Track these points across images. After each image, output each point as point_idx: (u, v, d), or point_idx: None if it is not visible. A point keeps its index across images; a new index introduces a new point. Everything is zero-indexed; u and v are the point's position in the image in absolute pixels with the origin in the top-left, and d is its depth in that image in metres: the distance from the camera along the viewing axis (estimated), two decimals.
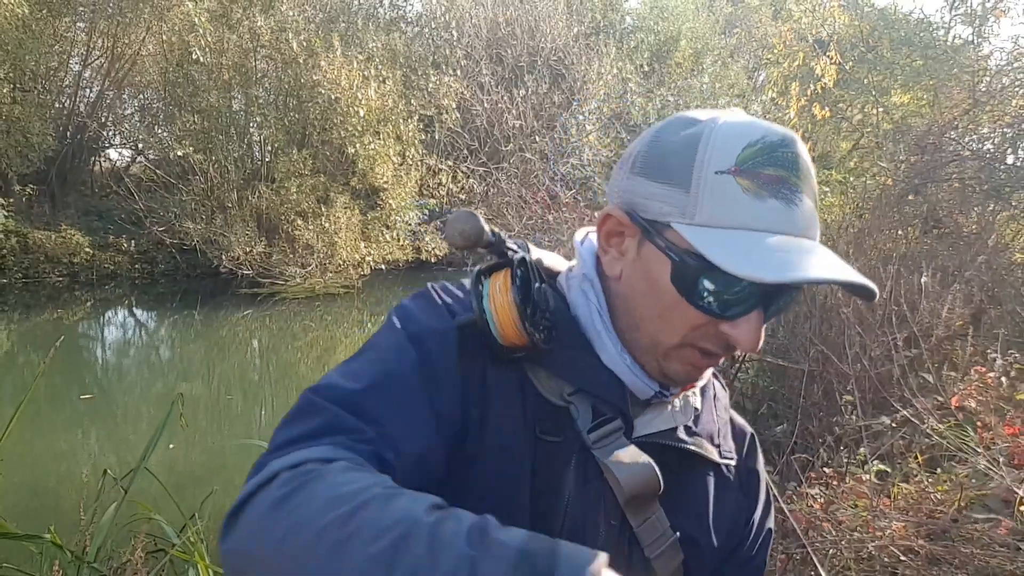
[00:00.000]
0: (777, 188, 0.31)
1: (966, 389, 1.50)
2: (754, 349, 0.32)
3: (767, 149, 0.31)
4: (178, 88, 7.13)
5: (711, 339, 0.33)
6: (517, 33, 8.62)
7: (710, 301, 0.32)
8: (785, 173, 0.31)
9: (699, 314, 0.32)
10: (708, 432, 0.38)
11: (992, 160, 2.27)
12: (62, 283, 6.23)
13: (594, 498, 0.34)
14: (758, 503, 0.40)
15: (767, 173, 0.31)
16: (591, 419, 0.34)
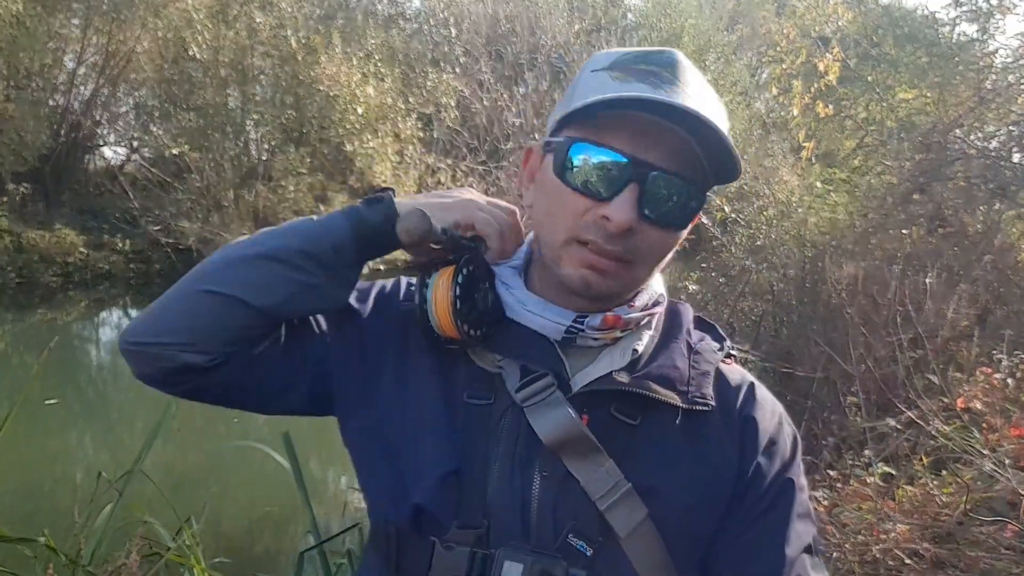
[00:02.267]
0: (645, 76, 0.33)
1: (972, 390, 1.49)
2: (624, 224, 0.33)
3: (642, 53, 0.34)
4: (174, 85, 7.12)
5: (592, 228, 0.34)
6: (517, 30, 8.58)
7: (584, 180, 0.34)
8: (657, 68, 0.34)
9: (577, 198, 0.34)
10: (665, 376, 0.37)
11: (998, 158, 2.26)
12: (56, 283, 6.19)
13: (525, 452, 0.35)
14: (757, 452, 0.37)
15: (638, 68, 0.34)
16: (519, 379, 0.36)
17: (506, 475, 0.35)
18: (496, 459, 0.35)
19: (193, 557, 1.05)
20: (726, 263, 2.77)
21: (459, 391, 0.37)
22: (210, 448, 2.78)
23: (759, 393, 0.40)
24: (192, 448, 2.76)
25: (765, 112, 9.75)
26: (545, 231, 0.37)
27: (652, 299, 0.39)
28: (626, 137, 0.33)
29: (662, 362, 0.38)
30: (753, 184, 3.16)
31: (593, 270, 0.35)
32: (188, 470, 2.51)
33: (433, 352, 0.38)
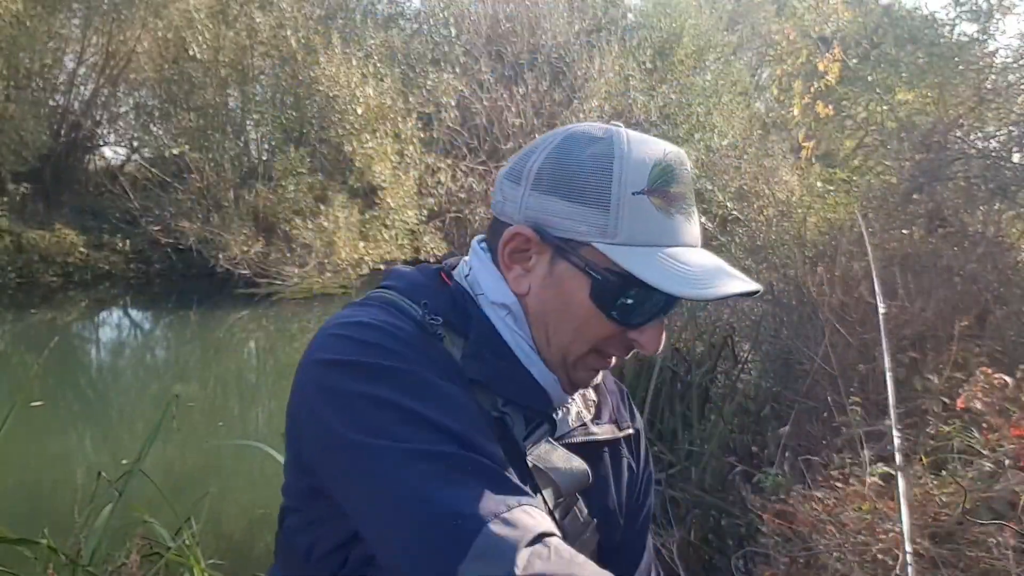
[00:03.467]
0: (680, 205, 0.36)
1: (972, 390, 1.49)
2: (656, 349, 0.37)
3: (670, 168, 0.36)
4: (174, 85, 7.10)
5: (618, 345, 0.37)
6: (517, 30, 8.59)
7: (626, 314, 0.36)
8: (684, 189, 0.36)
9: (612, 325, 0.36)
10: (610, 415, 0.42)
11: (998, 158, 2.26)
12: (56, 283, 6.18)
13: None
14: (641, 456, 0.44)
15: (672, 191, 0.36)
16: (524, 427, 0.37)
17: None
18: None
19: (193, 557, 1.05)
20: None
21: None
22: (210, 448, 2.78)
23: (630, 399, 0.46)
24: (192, 448, 2.76)
25: (765, 112, 9.77)
26: (563, 339, 0.37)
27: None
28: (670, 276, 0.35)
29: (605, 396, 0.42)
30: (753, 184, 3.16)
31: (594, 374, 0.38)
32: (188, 470, 2.51)
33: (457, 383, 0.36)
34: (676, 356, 1.95)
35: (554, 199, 0.35)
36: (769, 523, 1.28)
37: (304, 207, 6.92)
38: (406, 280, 0.39)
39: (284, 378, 4.21)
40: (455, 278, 0.39)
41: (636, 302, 0.35)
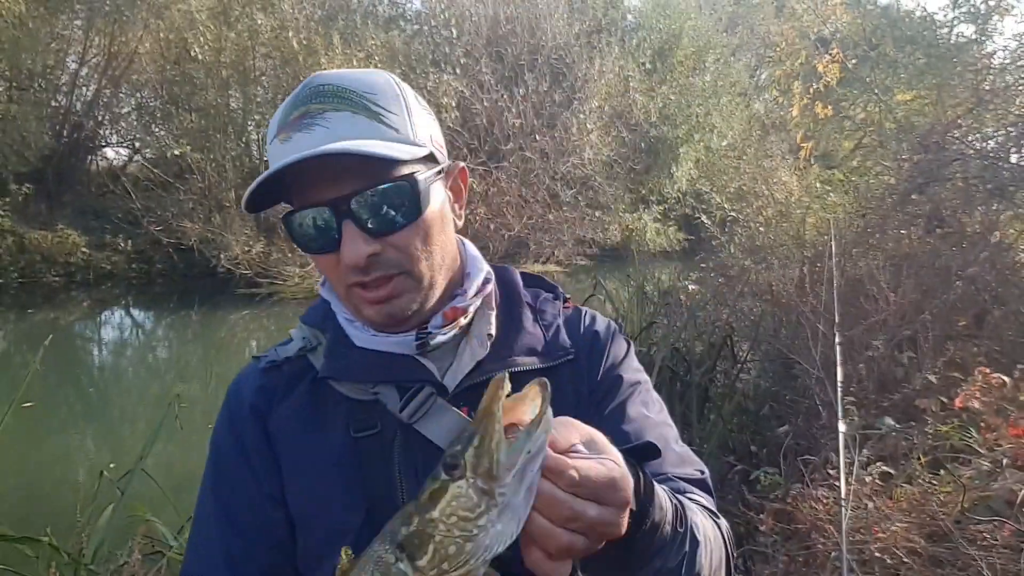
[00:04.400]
0: (300, 123, 0.37)
1: (970, 390, 1.50)
2: (357, 261, 0.37)
3: (291, 100, 0.39)
4: (176, 86, 7.14)
5: (348, 274, 0.38)
6: (517, 31, 8.60)
7: (314, 243, 0.38)
8: (304, 107, 0.38)
9: (323, 259, 0.38)
10: (524, 346, 0.42)
11: (996, 159, 2.26)
12: (58, 283, 6.20)
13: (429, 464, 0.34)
14: (600, 367, 0.43)
15: (293, 117, 0.38)
16: (399, 399, 0.39)
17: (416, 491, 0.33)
18: (404, 481, 0.37)
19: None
20: (725, 263, 2.77)
21: (342, 430, 0.39)
22: None
23: (598, 320, 0.46)
24: (194, 447, 2.76)
25: (764, 113, 9.75)
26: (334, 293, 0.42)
27: (481, 279, 0.43)
28: (315, 185, 0.37)
29: (516, 334, 0.42)
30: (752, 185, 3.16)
31: (379, 303, 0.38)
32: (190, 469, 2.51)
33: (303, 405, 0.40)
34: (675, 356, 1.95)
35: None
36: (768, 522, 1.28)
37: None
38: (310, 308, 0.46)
39: None
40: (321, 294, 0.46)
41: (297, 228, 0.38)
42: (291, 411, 0.41)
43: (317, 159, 0.35)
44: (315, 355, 0.42)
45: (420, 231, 0.39)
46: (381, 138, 0.37)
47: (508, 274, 0.46)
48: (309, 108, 0.37)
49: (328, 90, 0.38)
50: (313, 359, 0.42)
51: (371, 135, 0.37)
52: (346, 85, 0.38)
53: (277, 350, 0.44)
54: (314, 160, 0.35)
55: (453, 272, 0.42)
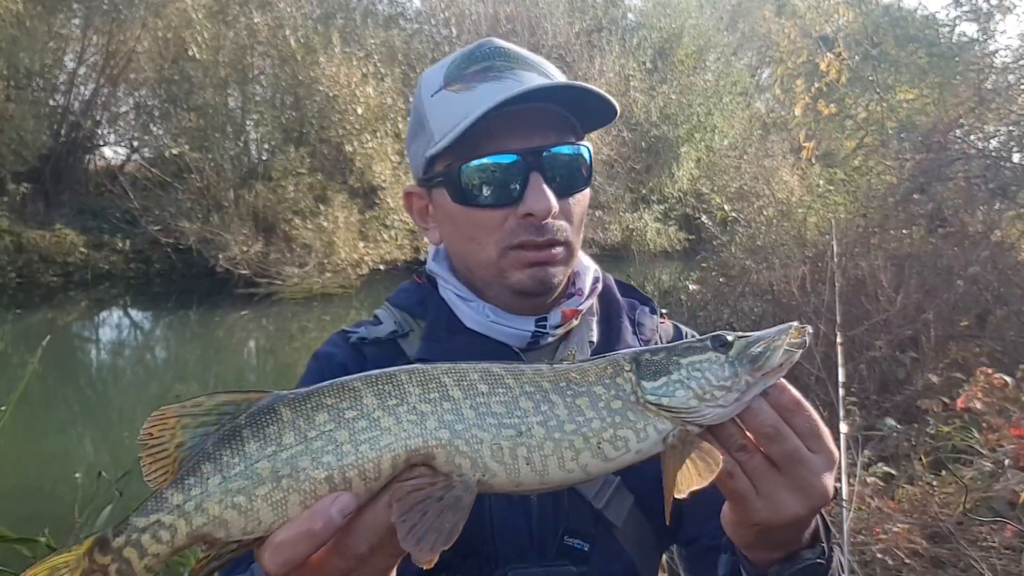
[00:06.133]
0: (485, 75, 0.36)
1: (972, 390, 1.49)
2: (549, 211, 0.35)
3: (465, 56, 0.37)
4: (173, 85, 7.10)
5: (520, 230, 0.37)
6: (518, 30, 8.58)
7: (486, 195, 0.36)
8: (488, 63, 0.37)
9: (491, 213, 0.36)
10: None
11: (998, 158, 2.25)
12: (56, 283, 6.18)
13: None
14: None
15: (471, 71, 0.36)
16: None
17: (505, 498, 0.35)
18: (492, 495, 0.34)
19: (193, 557, 1.04)
20: (726, 263, 2.77)
21: None
22: None
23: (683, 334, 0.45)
24: None
25: (765, 112, 9.73)
26: (472, 257, 0.38)
27: (591, 277, 0.42)
28: (501, 137, 0.36)
29: (615, 342, 0.41)
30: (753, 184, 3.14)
31: (540, 266, 0.37)
32: None
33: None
34: None
35: (409, 150, 0.40)
36: None
37: (304, 207, 6.92)
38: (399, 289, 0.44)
39: (284, 377, 4.18)
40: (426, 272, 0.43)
41: (480, 177, 0.35)
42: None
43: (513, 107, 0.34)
44: (407, 341, 0.40)
45: (585, 203, 0.39)
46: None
47: (606, 279, 0.44)
48: (494, 64, 0.37)
49: (512, 54, 0.37)
50: (405, 346, 0.40)
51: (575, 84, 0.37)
52: (528, 56, 0.38)
53: (367, 328, 0.41)
54: (507, 108, 0.34)
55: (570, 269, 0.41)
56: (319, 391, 0.28)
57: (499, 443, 0.27)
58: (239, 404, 0.27)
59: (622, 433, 0.28)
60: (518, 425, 0.27)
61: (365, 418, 0.27)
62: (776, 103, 6.95)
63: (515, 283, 0.37)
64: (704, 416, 0.29)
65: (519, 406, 0.28)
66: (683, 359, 0.30)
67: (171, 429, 0.27)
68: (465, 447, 0.27)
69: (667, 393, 0.29)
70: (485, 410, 0.28)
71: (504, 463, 0.27)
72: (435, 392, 0.27)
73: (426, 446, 0.27)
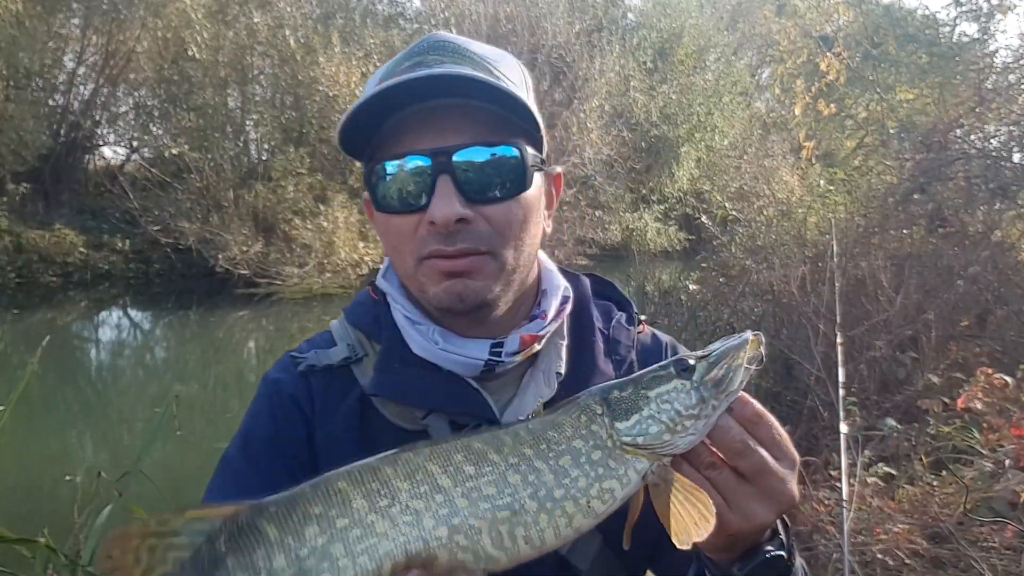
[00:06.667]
0: (412, 70, 0.32)
1: (972, 390, 1.49)
2: (448, 218, 0.32)
3: (405, 55, 0.34)
4: (173, 85, 7.11)
5: (427, 239, 0.33)
6: (517, 30, 8.57)
7: (397, 200, 0.33)
8: (420, 58, 0.33)
9: (402, 220, 0.33)
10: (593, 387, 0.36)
11: (998, 158, 2.26)
12: (56, 283, 6.18)
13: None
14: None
15: (404, 67, 0.33)
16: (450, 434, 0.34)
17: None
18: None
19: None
20: (726, 263, 2.77)
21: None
22: (209, 447, 2.77)
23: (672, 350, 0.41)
24: (191, 448, 2.76)
25: (765, 112, 9.73)
26: (398, 267, 0.35)
27: (559, 298, 0.37)
28: (415, 136, 0.32)
29: (587, 374, 0.36)
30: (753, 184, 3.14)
31: (453, 277, 0.33)
32: (188, 470, 2.51)
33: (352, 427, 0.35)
34: None
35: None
36: None
37: (304, 207, 6.92)
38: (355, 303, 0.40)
39: None
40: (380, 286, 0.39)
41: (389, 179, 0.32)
42: (341, 430, 0.35)
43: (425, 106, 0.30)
44: (361, 368, 0.36)
45: (518, 211, 0.33)
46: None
47: (580, 287, 0.39)
48: (425, 58, 0.33)
49: (449, 47, 0.33)
50: (358, 373, 0.36)
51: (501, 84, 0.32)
52: (469, 48, 0.34)
53: (317, 354, 0.37)
54: (420, 106, 0.31)
55: (529, 283, 0.36)
56: (303, 499, 0.26)
57: (497, 528, 0.27)
58: (213, 522, 0.25)
59: (607, 485, 0.28)
60: (511, 504, 0.27)
61: (358, 525, 0.25)
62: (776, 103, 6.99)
63: (432, 298, 0.34)
64: (677, 447, 0.29)
65: (508, 483, 0.27)
66: (650, 392, 0.29)
67: (135, 552, 0.24)
68: (465, 541, 0.26)
69: (641, 432, 0.29)
70: (477, 495, 0.27)
71: (505, 548, 0.27)
72: (424, 484, 0.26)
73: (427, 548, 0.26)
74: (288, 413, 0.37)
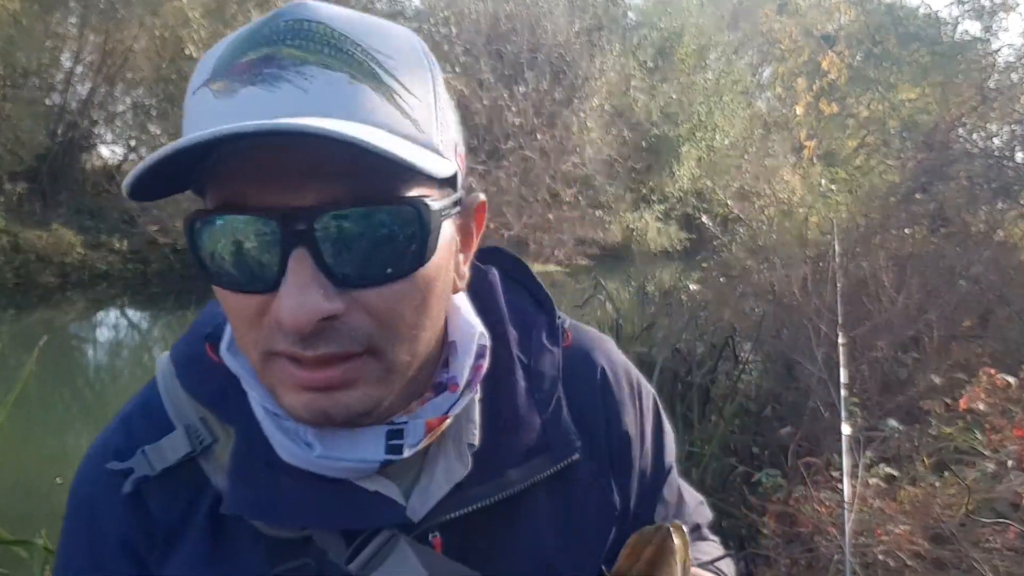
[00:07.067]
0: (257, 71, 0.20)
1: (975, 391, 1.48)
2: (301, 320, 0.20)
3: (252, 31, 0.21)
4: (171, 84, 7.11)
5: (278, 335, 0.21)
6: (518, 29, 8.55)
7: (233, 272, 0.21)
8: (272, 49, 0.20)
9: (242, 299, 0.21)
10: (520, 451, 0.27)
11: (1000, 158, 2.25)
12: (54, 283, 6.16)
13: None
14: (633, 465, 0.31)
15: (245, 61, 0.20)
16: (345, 547, 0.24)
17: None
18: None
19: None
20: (727, 263, 2.76)
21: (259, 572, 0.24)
22: None
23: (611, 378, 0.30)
24: None
25: (766, 111, 9.73)
26: (244, 353, 0.23)
27: (473, 355, 0.26)
28: (263, 180, 0.20)
29: (508, 435, 0.27)
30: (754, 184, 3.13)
31: (315, 390, 0.22)
32: None
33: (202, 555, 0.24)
34: (676, 356, 1.94)
35: None
36: (770, 525, 1.27)
37: None
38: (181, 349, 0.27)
39: None
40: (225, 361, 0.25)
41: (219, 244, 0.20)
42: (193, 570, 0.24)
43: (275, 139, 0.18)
44: (208, 460, 0.25)
45: (415, 292, 0.22)
46: (390, 129, 0.20)
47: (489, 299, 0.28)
48: (279, 51, 0.20)
49: (318, 32, 0.20)
50: (207, 467, 0.25)
51: (376, 120, 0.20)
52: (346, 31, 0.21)
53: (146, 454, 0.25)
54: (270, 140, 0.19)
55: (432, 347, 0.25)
56: None
57: None
58: None
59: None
60: None
61: None
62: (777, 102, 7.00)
63: (288, 409, 0.22)
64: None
65: None
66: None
67: None
68: None
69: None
70: None
71: None
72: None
73: None
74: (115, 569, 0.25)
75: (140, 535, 0.25)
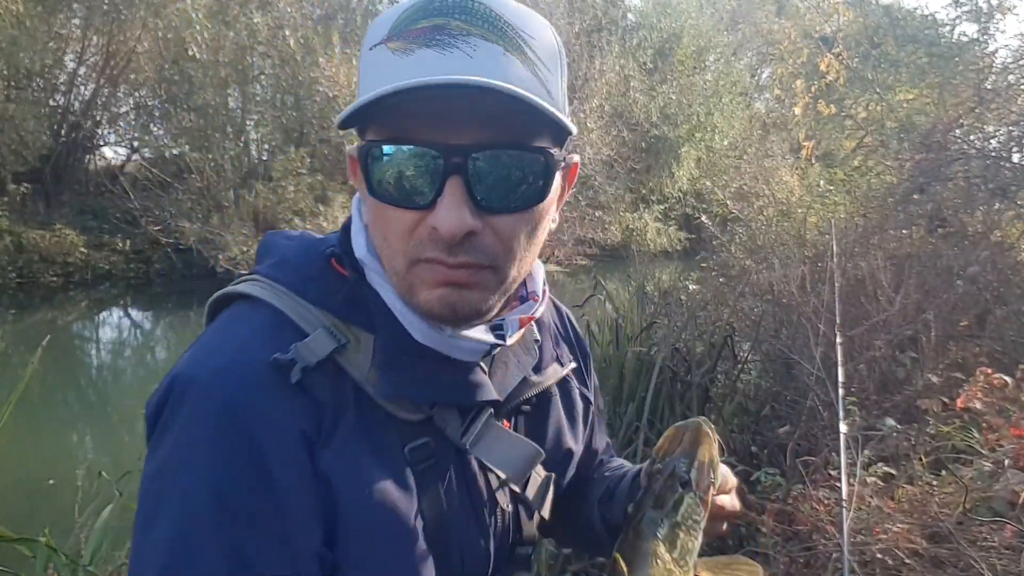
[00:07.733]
0: (431, 37, 0.26)
1: (972, 390, 1.49)
2: (456, 231, 0.26)
3: (423, 5, 0.27)
4: (174, 85, 7.13)
5: (427, 244, 0.28)
6: None
7: (396, 191, 0.27)
8: (443, 20, 0.26)
9: (400, 213, 0.28)
10: (551, 355, 0.39)
11: (998, 159, 2.26)
12: (56, 283, 6.20)
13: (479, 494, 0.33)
14: (591, 377, 0.44)
15: (419, 27, 0.26)
16: (460, 422, 0.32)
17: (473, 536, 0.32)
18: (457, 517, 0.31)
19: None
20: (726, 263, 2.78)
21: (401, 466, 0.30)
22: None
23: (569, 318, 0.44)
24: None
25: (765, 112, 9.76)
26: (386, 260, 0.29)
27: (542, 279, 0.36)
28: (430, 122, 0.26)
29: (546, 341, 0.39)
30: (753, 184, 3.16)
31: (450, 286, 0.28)
32: None
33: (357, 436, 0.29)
34: (676, 356, 1.95)
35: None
36: (769, 523, 1.28)
37: (304, 207, 6.93)
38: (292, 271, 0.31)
39: None
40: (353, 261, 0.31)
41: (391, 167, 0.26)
42: (348, 446, 0.28)
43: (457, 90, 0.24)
44: (346, 357, 0.29)
45: (531, 223, 0.29)
46: (534, 93, 0.26)
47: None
48: (449, 22, 0.26)
49: (480, 10, 0.26)
50: (345, 362, 0.29)
51: (523, 85, 0.26)
52: (504, 14, 0.27)
53: (298, 349, 0.28)
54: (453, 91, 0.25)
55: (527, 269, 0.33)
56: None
57: None
58: None
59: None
60: None
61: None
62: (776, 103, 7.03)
63: (423, 303, 0.28)
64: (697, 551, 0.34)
65: None
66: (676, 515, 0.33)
67: None
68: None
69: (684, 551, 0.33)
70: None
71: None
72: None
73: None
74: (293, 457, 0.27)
75: (312, 424, 0.28)
